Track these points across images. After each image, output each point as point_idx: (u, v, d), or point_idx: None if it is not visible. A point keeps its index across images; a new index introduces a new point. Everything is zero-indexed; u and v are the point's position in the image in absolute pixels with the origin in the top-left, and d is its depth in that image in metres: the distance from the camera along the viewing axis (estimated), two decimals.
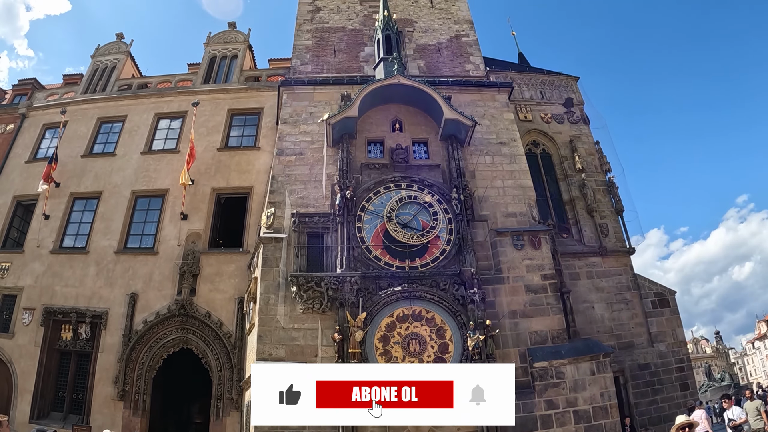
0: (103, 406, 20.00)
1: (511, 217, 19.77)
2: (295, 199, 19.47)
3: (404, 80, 21.02)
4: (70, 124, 27.14)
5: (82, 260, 22.85)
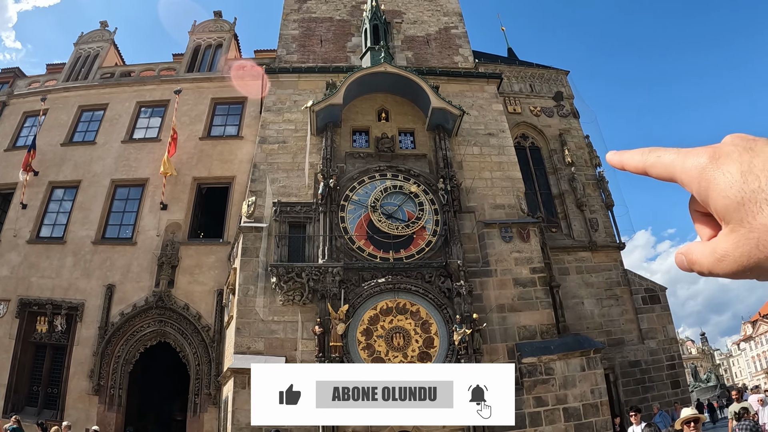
0: (77, 401, 19.42)
1: (500, 208, 19.31)
2: (276, 188, 18.93)
3: (391, 68, 20.52)
4: (51, 112, 26.53)
5: (59, 250, 22.26)
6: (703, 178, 0.75)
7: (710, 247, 0.76)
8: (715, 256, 0.75)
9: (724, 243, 0.73)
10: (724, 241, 0.73)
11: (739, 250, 0.70)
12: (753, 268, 0.70)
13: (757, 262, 0.69)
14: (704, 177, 0.74)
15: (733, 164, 0.72)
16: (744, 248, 0.70)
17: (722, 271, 0.74)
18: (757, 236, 0.68)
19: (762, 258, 0.68)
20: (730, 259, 0.72)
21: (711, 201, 0.74)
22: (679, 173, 0.79)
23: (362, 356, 15.89)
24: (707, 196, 0.74)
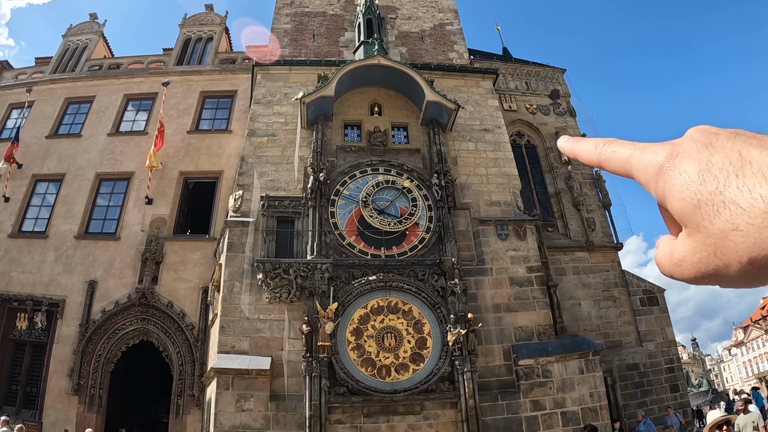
0: (56, 401, 18.82)
1: (495, 205, 18.81)
2: (265, 182, 18.37)
3: (384, 61, 20.03)
4: (37, 104, 26.12)
5: (41, 245, 21.71)
6: (660, 178, 0.69)
7: (669, 249, 0.71)
8: (672, 260, 0.70)
9: (681, 248, 0.68)
10: (681, 246, 0.68)
11: (696, 255, 0.65)
12: (711, 276, 0.64)
13: (715, 270, 0.63)
14: (661, 176, 0.68)
15: (690, 163, 0.66)
16: (701, 254, 0.64)
17: (680, 276, 0.69)
18: (714, 242, 0.62)
19: (720, 266, 0.62)
20: (687, 264, 0.67)
21: (668, 202, 0.68)
22: (636, 171, 0.73)
23: (352, 357, 15.32)
24: (664, 197, 0.68)
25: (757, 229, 0.58)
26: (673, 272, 0.70)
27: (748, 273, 0.61)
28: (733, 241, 0.60)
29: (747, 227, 0.59)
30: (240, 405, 14.20)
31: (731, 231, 0.60)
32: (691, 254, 0.66)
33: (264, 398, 14.39)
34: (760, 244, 0.58)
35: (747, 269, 0.60)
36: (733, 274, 0.62)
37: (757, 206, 0.58)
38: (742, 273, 0.61)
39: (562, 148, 0.89)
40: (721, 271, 0.63)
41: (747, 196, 0.59)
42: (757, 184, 0.59)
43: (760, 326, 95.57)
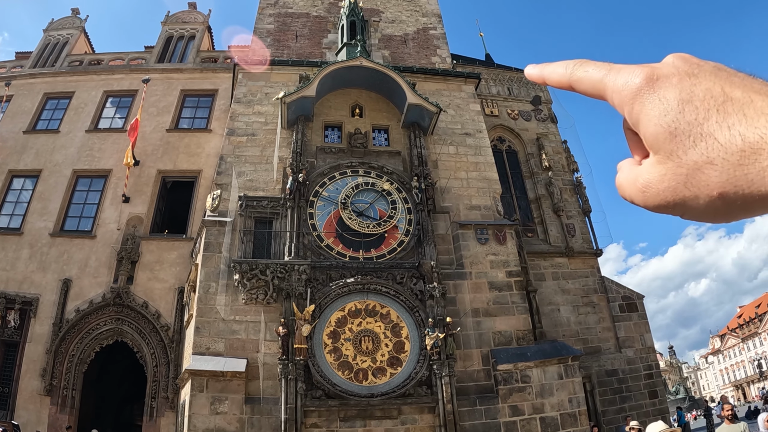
0: (28, 402, 18.53)
1: (475, 209, 18.74)
2: (243, 182, 18.17)
3: (367, 63, 19.92)
4: (15, 98, 25.79)
5: (15, 242, 21.41)
6: (636, 101, 0.67)
7: (634, 174, 0.70)
8: (636, 185, 0.69)
9: (648, 174, 0.67)
10: (647, 171, 0.67)
11: (664, 183, 0.65)
12: (677, 205, 0.65)
13: (682, 200, 0.63)
14: (638, 100, 0.67)
15: (671, 90, 0.64)
16: (669, 182, 0.64)
17: (642, 202, 0.69)
18: (685, 172, 0.62)
19: (688, 196, 0.62)
20: (652, 191, 0.66)
21: (641, 126, 0.67)
22: (610, 92, 0.70)
23: (328, 360, 15.14)
24: (638, 120, 0.67)
25: (732, 165, 0.58)
26: (635, 197, 0.70)
27: (716, 208, 0.61)
28: (706, 174, 0.60)
29: (722, 162, 0.58)
30: (214, 407, 13.98)
31: (705, 164, 0.60)
32: (659, 182, 0.65)
33: (239, 401, 14.19)
34: (734, 181, 0.58)
35: (716, 204, 0.60)
36: (700, 207, 0.62)
37: (735, 143, 0.58)
38: (710, 207, 0.61)
39: (529, 75, 0.85)
40: (688, 202, 0.63)
41: (726, 132, 0.59)
42: (737, 122, 0.58)
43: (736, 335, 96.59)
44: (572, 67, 0.77)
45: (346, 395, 14.62)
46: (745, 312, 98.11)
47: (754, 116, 0.58)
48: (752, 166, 0.56)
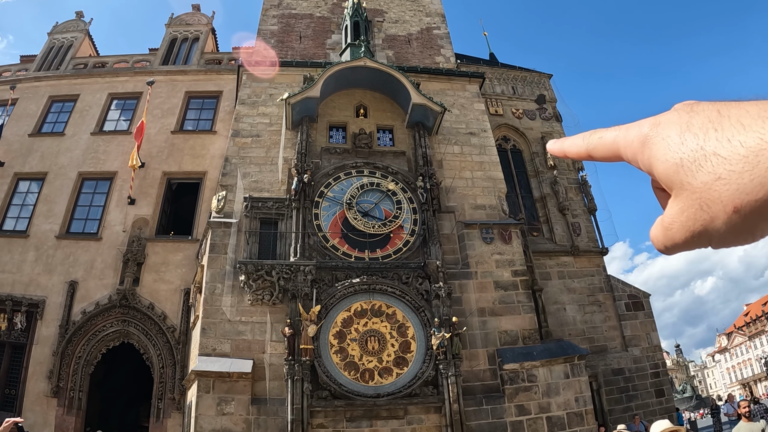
0: (35, 404, 18.53)
1: (480, 209, 18.73)
2: (248, 183, 18.20)
3: (371, 63, 19.94)
4: (21, 101, 25.79)
5: (21, 244, 21.40)
6: (645, 147, 0.69)
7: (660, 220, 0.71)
8: (663, 226, 0.69)
9: (670, 210, 0.68)
10: (669, 209, 0.68)
11: (685, 214, 0.65)
12: (701, 233, 0.64)
13: (703, 225, 0.63)
14: (646, 146, 0.69)
15: (672, 127, 0.67)
16: (689, 212, 0.64)
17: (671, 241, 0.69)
18: (699, 196, 0.62)
19: (707, 219, 0.62)
20: (676, 226, 0.67)
21: (654, 170, 0.69)
22: (623, 148, 0.73)
23: (334, 360, 15.14)
24: (650, 165, 0.69)
25: (738, 174, 0.58)
26: (665, 239, 0.69)
27: (735, 223, 0.60)
28: (717, 191, 0.60)
29: (729, 174, 0.59)
30: (221, 408, 13.99)
31: (714, 181, 0.60)
32: (679, 214, 0.65)
33: (245, 402, 14.19)
34: (743, 189, 0.58)
35: (733, 219, 0.60)
36: (721, 227, 0.61)
37: (737, 152, 0.58)
38: (730, 224, 0.60)
39: (551, 150, 0.89)
40: (709, 226, 0.62)
41: (726, 145, 0.60)
42: (736, 132, 0.59)
43: (743, 333, 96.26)
44: (588, 137, 0.79)
45: (353, 395, 14.61)
46: (751, 310, 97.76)
47: (750, 123, 0.59)
48: (757, 169, 0.57)
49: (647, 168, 0.70)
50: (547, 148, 0.90)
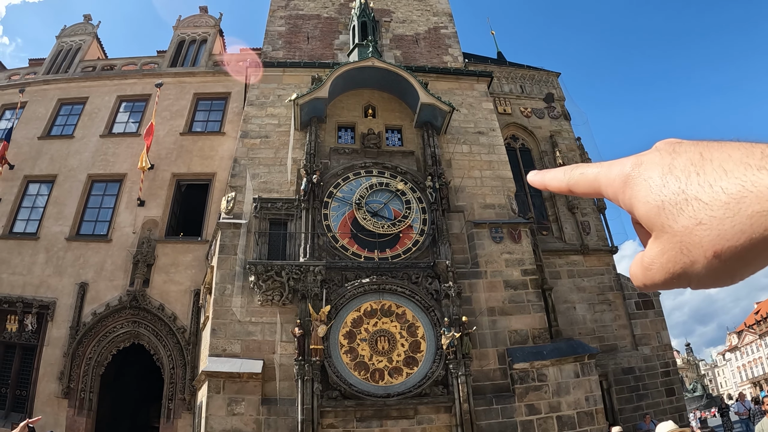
0: (46, 404, 18.56)
1: (489, 208, 18.70)
2: (257, 184, 18.23)
3: (379, 63, 19.94)
4: (30, 104, 25.88)
5: (31, 246, 21.46)
6: (627, 187, 0.70)
7: (640, 257, 0.71)
8: (643, 265, 0.70)
9: (650, 251, 0.68)
10: (649, 249, 0.68)
11: (665, 256, 0.66)
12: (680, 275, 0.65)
13: (683, 268, 0.64)
14: (627, 185, 0.70)
15: (654, 169, 0.67)
16: (669, 254, 0.65)
17: (651, 280, 0.69)
18: (679, 240, 0.63)
19: (687, 263, 0.63)
20: (656, 267, 0.67)
21: (635, 210, 0.69)
22: (605, 186, 0.74)
23: (344, 360, 15.14)
24: (631, 205, 0.70)
25: (719, 220, 0.58)
26: (645, 278, 0.70)
27: (715, 268, 0.60)
28: (698, 236, 0.60)
29: (710, 220, 0.59)
30: (231, 409, 14.02)
31: (695, 226, 0.60)
32: (659, 255, 0.66)
33: (255, 402, 14.21)
34: (723, 235, 0.58)
35: (713, 264, 0.60)
36: (701, 271, 0.62)
37: (719, 198, 0.59)
38: (709, 268, 0.61)
39: (531, 181, 0.90)
40: (688, 269, 0.63)
41: (708, 190, 0.60)
42: (718, 178, 0.60)
43: (754, 331, 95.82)
44: (570, 172, 0.80)
45: (363, 395, 14.61)
46: (762, 308, 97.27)
47: (733, 169, 0.59)
48: (738, 216, 0.57)
49: (628, 207, 0.70)
50: (528, 180, 0.91)
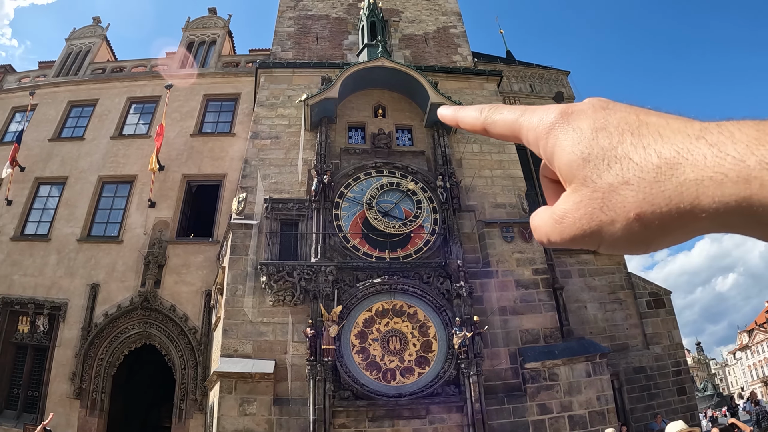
0: (58, 405, 18.57)
1: (500, 207, 18.70)
2: (268, 184, 18.28)
3: (388, 63, 19.95)
4: (40, 107, 26.02)
5: (43, 248, 21.61)
6: (551, 134, 0.67)
7: (549, 211, 0.69)
8: (553, 217, 0.67)
9: (563, 203, 0.65)
10: (563, 202, 0.66)
11: (580, 211, 0.63)
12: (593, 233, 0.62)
13: (599, 226, 0.61)
14: (552, 133, 0.67)
15: (585, 120, 0.65)
16: (585, 209, 0.62)
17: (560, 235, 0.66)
18: (600, 196, 0.61)
19: (605, 221, 0.60)
20: (568, 220, 0.64)
21: (555, 158, 0.66)
22: (525, 130, 0.71)
23: (356, 360, 15.15)
24: (552, 153, 0.67)
25: (648, 183, 0.57)
26: (552, 231, 0.67)
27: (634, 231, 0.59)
28: (622, 195, 0.59)
29: (638, 181, 0.58)
30: (243, 409, 14.04)
31: (621, 185, 0.59)
32: (574, 210, 0.63)
33: (267, 402, 14.24)
34: (650, 200, 0.57)
35: (633, 226, 0.58)
36: (617, 232, 0.60)
37: (651, 161, 0.57)
38: (628, 230, 0.59)
39: (442, 116, 0.86)
40: (605, 228, 0.60)
41: (641, 151, 0.58)
42: (653, 141, 0.58)
43: (765, 330, 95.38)
44: (487, 111, 0.77)
45: (374, 395, 14.62)
46: None
47: (670, 135, 0.58)
48: (669, 182, 0.56)
49: (548, 156, 0.68)
50: (438, 115, 0.87)
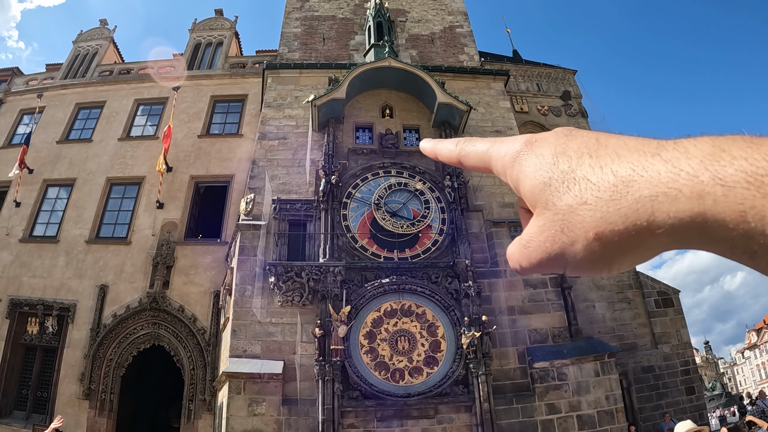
0: (67, 406, 18.67)
1: (508, 207, 18.65)
2: (276, 185, 18.30)
3: (395, 63, 19.98)
4: (48, 109, 26.12)
5: (51, 249, 21.68)
6: (516, 162, 0.69)
7: (518, 238, 0.70)
8: (521, 242, 0.68)
9: (529, 229, 0.67)
10: (529, 227, 0.67)
11: (544, 234, 0.64)
12: (557, 256, 0.63)
13: (561, 248, 0.62)
14: (517, 161, 0.69)
15: (547, 147, 0.66)
16: (549, 232, 0.63)
17: (527, 260, 0.67)
18: (561, 218, 0.61)
19: (566, 242, 0.61)
20: (534, 244, 0.65)
21: (520, 185, 0.68)
22: (494, 160, 0.73)
23: (365, 360, 15.15)
24: (517, 180, 0.68)
25: (605, 202, 0.57)
26: (521, 257, 0.68)
27: (594, 251, 0.59)
28: (581, 216, 0.59)
29: (595, 201, 0.58)
30: (252, 409, 14.06)
31: (580, 205, 0.59)
32: (539, 233, 0.64)
33: (276, 402, 14.25)
34: (607, 218, 0.57)
35: (593, 246, 0.59)
36: (579, 252, 0.60)
37: (607, 180, 0.58)
38: (588, 250, 0.59)
39: (423, 149, 0.90)
40: (567, 250, 0.61)
41: (598, 171, 0.59)
42: (610, 161, 0.59)
43: None
44: (462, 144, 0.80)
45: (383, 395, 14.61)
46: None
47: (626, 154, 0.59)
48: (624, 199, 0.56)
49: (514, 184, 0.69)
50: (420, 147, 0.91)
